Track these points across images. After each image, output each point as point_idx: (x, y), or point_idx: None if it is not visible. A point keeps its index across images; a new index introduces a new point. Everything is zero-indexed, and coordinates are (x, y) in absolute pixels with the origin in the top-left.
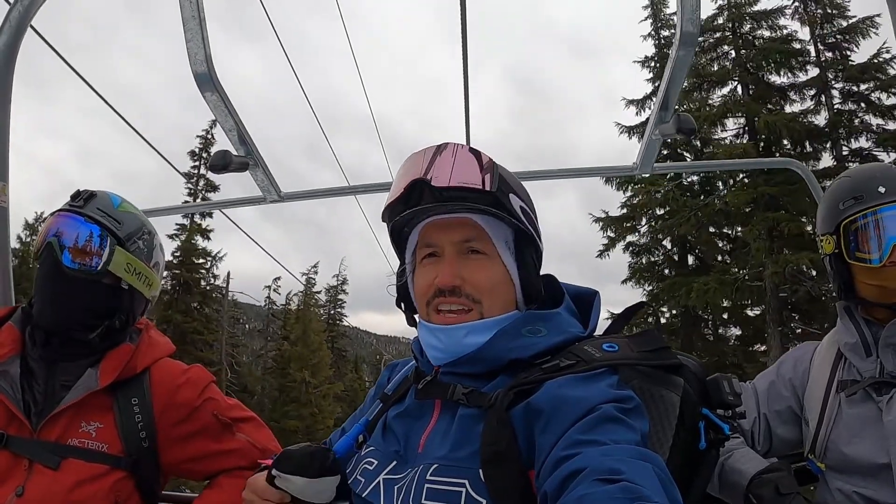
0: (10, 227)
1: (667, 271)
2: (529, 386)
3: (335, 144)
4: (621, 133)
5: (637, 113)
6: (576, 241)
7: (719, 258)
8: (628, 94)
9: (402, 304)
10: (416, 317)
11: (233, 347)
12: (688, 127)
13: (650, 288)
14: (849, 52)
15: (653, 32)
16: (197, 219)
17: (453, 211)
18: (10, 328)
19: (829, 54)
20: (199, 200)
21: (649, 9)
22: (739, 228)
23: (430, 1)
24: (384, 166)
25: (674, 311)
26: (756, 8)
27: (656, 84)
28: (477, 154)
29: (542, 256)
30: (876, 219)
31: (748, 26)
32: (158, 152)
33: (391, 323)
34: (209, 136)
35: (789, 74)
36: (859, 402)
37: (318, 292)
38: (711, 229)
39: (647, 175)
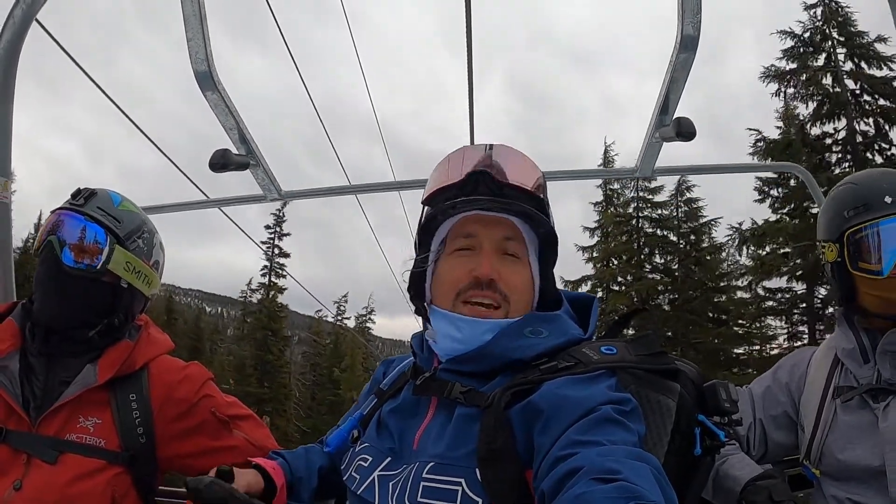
0: (29, 222)
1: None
2: (528, 386)
3: (339, 148)
4: (578, 250)
5: (590, 236)
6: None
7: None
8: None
9: (413, 293)
10: (427, 305)
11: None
12: (687, 130)
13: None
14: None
15: (601, 185)
16: (273, 278)
17: (503, 208)
18: (10, 324)
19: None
20: (272, 257)
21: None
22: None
23: (434, 9)
24: (387, 170)
25: None
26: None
27: (601, 223)
28: (530, 160)
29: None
30: (882, 229)
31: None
32: (172, 161)
33: (395, 327)
34: (280, 214)
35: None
36: (855, 409)
37: (348, 318)
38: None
39: (648, 176)
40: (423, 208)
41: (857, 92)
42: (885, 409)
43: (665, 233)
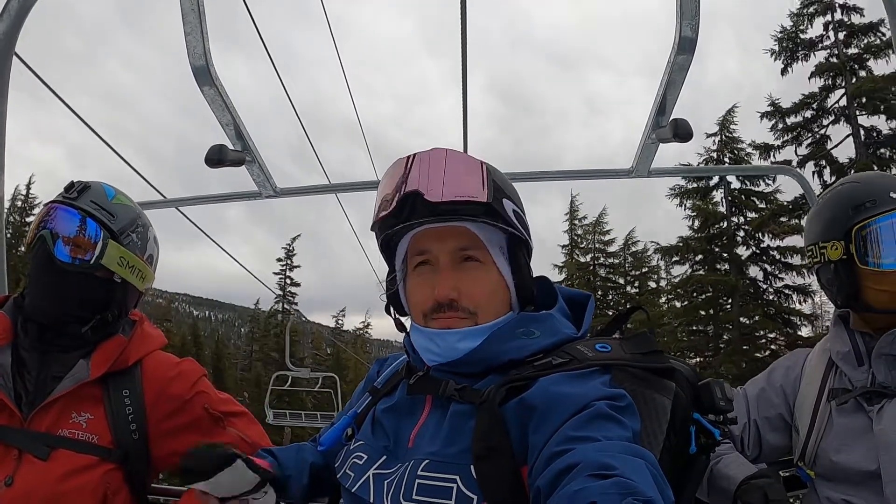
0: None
1: None
2: (522, 383)
3: (324, 151)
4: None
5: (559, 273)
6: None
7: None
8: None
9: (392, 310)
10: (407, 320)
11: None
12: (685, 132)
13: None
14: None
15: (568, 230)
16: (287, 305)
17: (447, 221)
18: (1, 317)
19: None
20: (286, 294)
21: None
22: None
23: (414, 12)
24: (370, 172)
25: None
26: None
27: (566, 263)
28: (469, 161)
29: (532, 253)
30: (892, 223)
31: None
32: (141, 174)
33: (383, 326)
34: (291, 248)
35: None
36: (850, 412)
37: (346, 331)
38: None
39: (644, 177)
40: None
41: (742, 200)
42: (880, 412)
43: (616, 277)
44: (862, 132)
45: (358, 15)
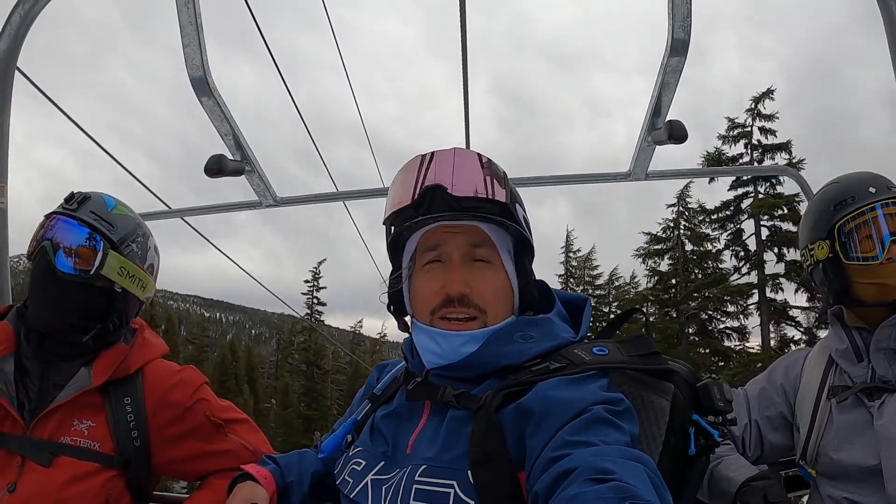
0: (12, 227)
1: None
2: (519, 388)
3: (330, 154)
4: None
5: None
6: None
7: None
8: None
9: (393, 308)
10: (409, 319)
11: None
12: (679, 133)
13: None
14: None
15: (563, 261)
16: (313, 321)
17: (464, 219)
18: (4, 327)
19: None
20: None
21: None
22: None
23: (418, 16)
24: (376, 175)
25: None
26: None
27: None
28: (488, 162)
29: (533, 260)
30: (872, 217)
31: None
32: (144, 185)
33: (396, 328)
34: (317, 271)
35: None
36: (851, 408)
37: (364, 341)
38: None
39: (641, 179)
40: (389, 227)
41: (694, 260)
42: (881, 408)
43: (602, 307)
44: (764, 230)
45: (361, 20)
